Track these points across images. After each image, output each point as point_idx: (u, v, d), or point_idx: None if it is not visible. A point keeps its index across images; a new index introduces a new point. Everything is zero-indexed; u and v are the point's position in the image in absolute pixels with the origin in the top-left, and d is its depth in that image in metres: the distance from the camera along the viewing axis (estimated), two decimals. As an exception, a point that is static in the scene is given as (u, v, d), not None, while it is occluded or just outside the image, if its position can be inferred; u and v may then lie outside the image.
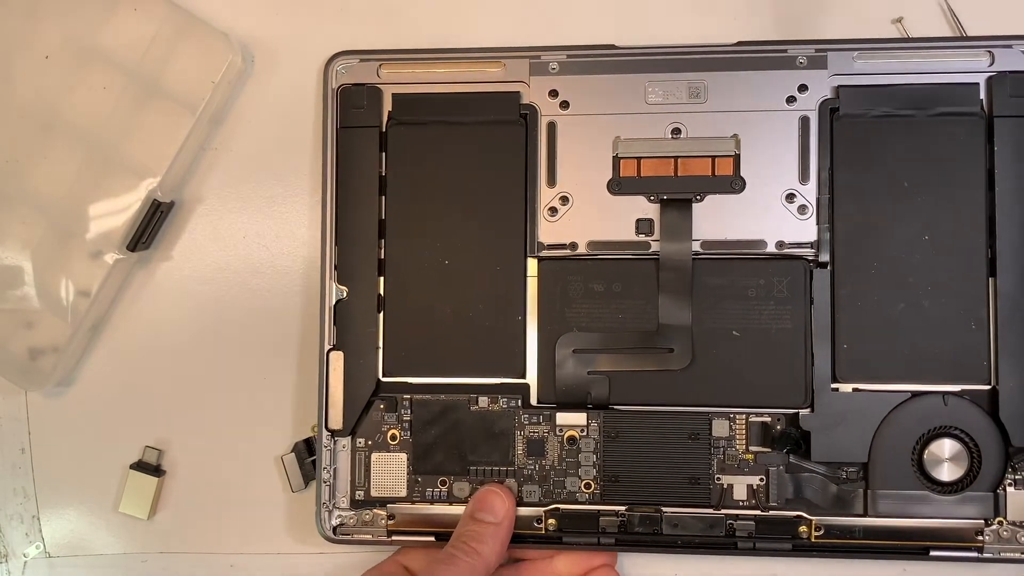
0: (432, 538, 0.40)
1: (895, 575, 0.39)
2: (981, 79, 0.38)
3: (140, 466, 0.43)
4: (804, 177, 0.39)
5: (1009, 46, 0.38)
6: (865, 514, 0.38)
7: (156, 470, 0.43)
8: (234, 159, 0.43)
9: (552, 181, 0.40)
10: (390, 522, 0.40)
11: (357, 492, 0.40)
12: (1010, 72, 0.38)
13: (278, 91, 0.43)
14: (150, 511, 0.43)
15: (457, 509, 0.40)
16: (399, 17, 0.43)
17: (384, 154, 0.41)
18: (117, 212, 0.41)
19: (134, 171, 0.41)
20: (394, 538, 0.40)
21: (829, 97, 0.39)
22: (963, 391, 0.38)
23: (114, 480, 0.43)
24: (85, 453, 0.44)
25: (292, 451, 0.41)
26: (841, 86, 0.39)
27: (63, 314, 0.41)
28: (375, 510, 0.40)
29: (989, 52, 0.38)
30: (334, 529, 0.40)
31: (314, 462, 0.40)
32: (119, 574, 0.43)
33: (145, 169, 0.41)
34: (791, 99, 0.39)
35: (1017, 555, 0.37)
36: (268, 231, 0.43)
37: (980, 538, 0.38)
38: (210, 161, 0.43)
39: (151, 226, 0.41)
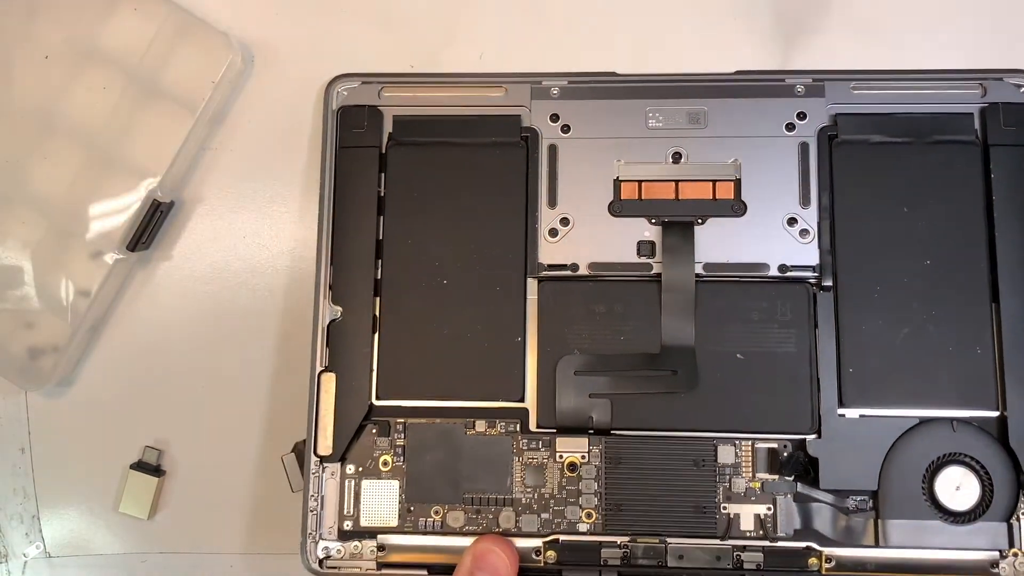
0: (424, 571, 0.38)
1: (910, 609, 0.37)
2: (975, 109, 0.39)
3: (140, 466, 0.42)
4: (805, 201, 0.39)
5: (1000, 79, 0.39)
6: (876, 545, 0.37)
7: (156, 470, 0.42)
8: (234, 159, 0.43)
9: (553, 202, 0.40)
10: (380, 554, 0.38)
11: (345, 522, 0.38)
12: (1002, 103, 0.39)
13: (278, 91, 0.43)
14: (150, 511, 0.42)
15: (452, 541, 0.38)
16: (400, 30, 0.43)
17: (383, 174, 0.40)
18: (117, 212, 0.41)
19: (134, 171, 0.41)
20: (384, 571, 0.38)
21: (827, 125, 0.39)
22: (971, 417, 0.37)
23: (114, 480, 0.42)
24: (85, 453, 0.43)
25: (292, 451, 0.40)
26: (839, 114, 0.39)
27: (63, 314, 0.41)
28: (364, 541, 0.38)
29: (981, 84, 0.39)
30: (320, 562, 0.38)
31: None
32: (119, 574, 0.43)
33: (145, 169, 0.41)
34: (790, 126, 0.40)
35: (1034, 588, 0.36)
36: (268, 231, 0.43)
37: (995, 570, 0.36)
38: (210, 161, 0.43)
39: (151, 226, 0.41)
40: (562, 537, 0.38)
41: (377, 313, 0.39)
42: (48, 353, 0.41)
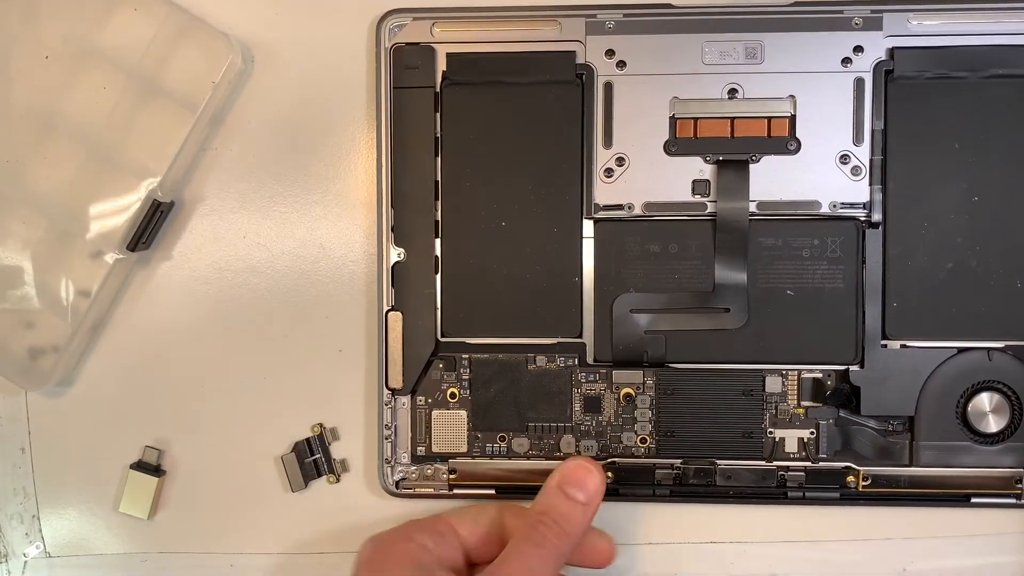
0: (492, 491, 0.41)
1: (938, 521, 0.41)
2: (1033, 40, 0.39)
3: (140, 466, 0.43)
4: (858, 138, 0.39)
5: (1062, 7, 0.39)
6: (910, 464, 0.40)
7: (156, 470, 0.43)
8: (234, 159, 0.43)
9: (608, 142, 0.40)
10: (451, 476, 0.41)
11: (418, 448, 0.41)
12: (1062, 33, 0.39)
13: (278, 91, 0.42)
14: (150, 511, 0.43)
15: (517, 463, 0.41)
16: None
17: (439, 115, 0.41)
18: (117, 212, 0.41)
19: (134, 171, 0.41)
20: (455, 491, 0.41)
21: (883, 59, 0.39)
22: (1007, 347, 0.39)
23: (114, 480, 0.43)
24: (85, 453, 0.44)
25: (292, 451, 0.42)
26: (896, 48, 0.39)
27: (63, 314, 0.41)
28: (436, 465, 0.41)
29: (1042, 13, 0.39)
30: (396, 483, 0.41)
31: (315, 461, 0.41)
32: (119, 574, 0.44)
33: (145, 169, 0.41)
34: (846, 60, 0.39)
35: (1052, 501, 0.40)
36: (268, 231, 0.43)
37: (1019, 486, 0.40)
38: (210, 161, 0.43)
39: (151, 226, 0.41)
40: (619, 460, 0.41)
41: (438, 254, 0.41)
42: (48, 353, 0.42)
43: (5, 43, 0.41)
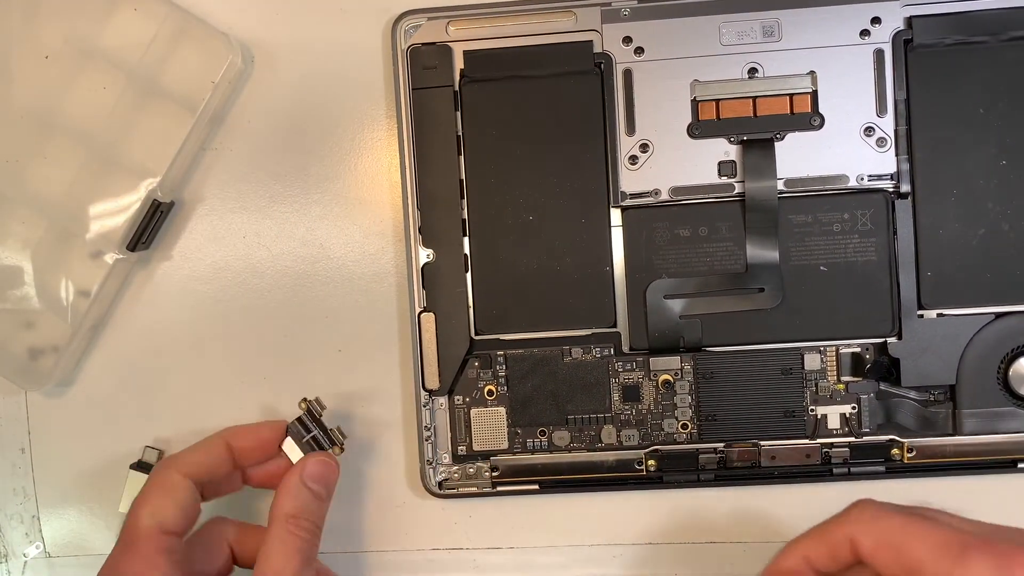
0: (536, 486, 0.41)
1: (985, 488, 0.41)
2: (1053, 1, 0.39)
3: (140, 466, 0.42)
4: (881, 110, 0.39)
5: (1078, -35, 0.39)
6: (954, 433, 0.40)
7: None
8: (234, 159, 0.43)
9: (631, 129, 0.40)
10: (494, 474, 0.41)
11: (459, 447, 0.41)
12: (1080, -8, 0.39)
13: (278, 91, 0.42)
14: None
15: (559, 457, 0.41)
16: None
17: (459, 113, 0.40)
18: (117, 212, 0.41)
19: (134, 171, 0.41)
20: (499, 488, 0.41)
21: (902, 28, 0.39)
22: (1044, 309, 0.39)
23: (114, 480, 0.43)
24: (85, 453, 0.44)
25: (287, 434, 0.39)
26: (913, 16, 0.39)
27: (63, 314, 0.41)
28: (479, 463, 0.41)
29: (1059, -27, 0.39)
30: (439, 484, 0.41)
31: (314, 438, 0.39)
32: None
33: (145, 169, 0.41)
34: (864, 32, 0.39)
35: (1099, 461, 0.39)
36: (268, 231, 0.43)
37: (1064, 448, 0.39)
38: (210, 161, 0.43)
39: (151, 226, 0.41)
40: (661, 447, 0.41)
41: (468, 252, 0.41)
42: (48, 353, 0.42)
43: (5, 43, 0.41)
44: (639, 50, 0.40)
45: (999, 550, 0.28)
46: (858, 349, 0.40)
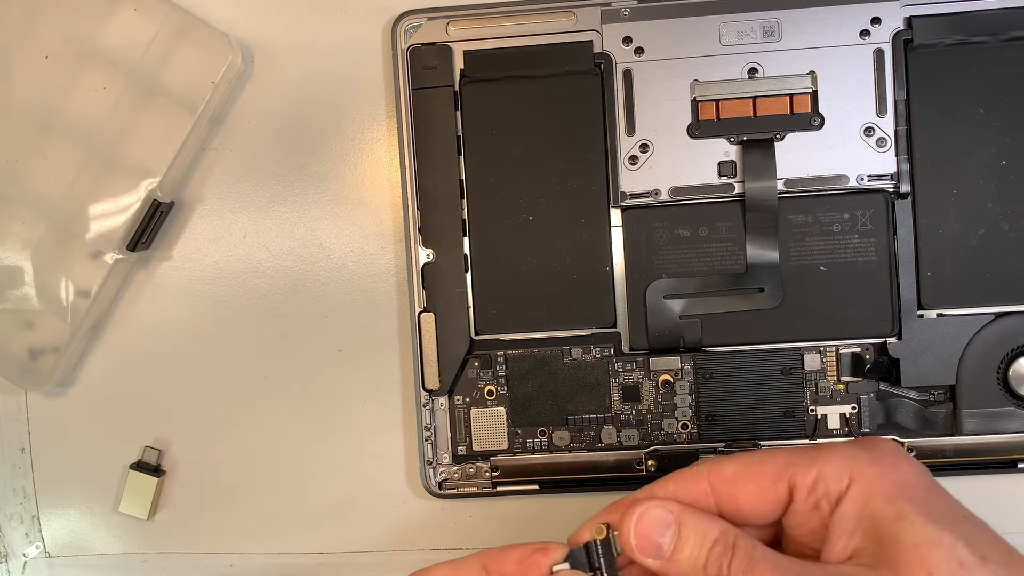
0: (536, 487, 0.41)
1: (985, 488, 0.41)
2: (1053, 1, 0.39)
3: (140, 466, 0.43)
4: (881, 110, 0.39)
5: (1078, -35, 0.39)
6: (954, 433, 0.40)
7: (156, 470, 0.43)
8: (234, 159, 0.43)
9: (631, 129, 0.40)
10: (494, 474, 0.41)
11: (459, 447, 0.41)
12: (1081, -8, 0.39)
13: (278, 91, 0.42)
14: (150, 511, 0.43)
15: (559, 457, 0.41)
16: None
17: (459, 113, 0.40)
18: (117, 212, 0.41)
19: (134, 171, 0.41)
20: (499, 488, 0.41)
21: (902, 28, 0.39)
22: (1044, 309, 0.39)
23: (114, 480, 0.43)
24: (85, 453, 0.44)
25: (567, 558, 0.31)
26: (913, 16, 0.39)
27: (63, 314, 0.41)
28: (478, 464, 0.41)
29: (1058, -27, 0.39)
30: (439, 484, 0.41)
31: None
32: (119, 574, 0.44)
33: (145, 169, 0.41)
34: (864, 33, 0.39)
35: (1100, 461, 0.39)
36: (268, 231, 0.43)
37: (1065, 448, 0.39)
38: (210, 161, 0.43)
39: (151, 226, 0.41)
40: (660, 447, 0.41)
41: (468, 252, 0.41)
42: (48, 353, 0.42)
43: (5, 43, 0.41)
44: (639, 50, 0.40)
45: None
46: (858, 349, 0.40)
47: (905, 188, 0.39)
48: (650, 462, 0.41)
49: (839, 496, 0.28)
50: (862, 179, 0.39)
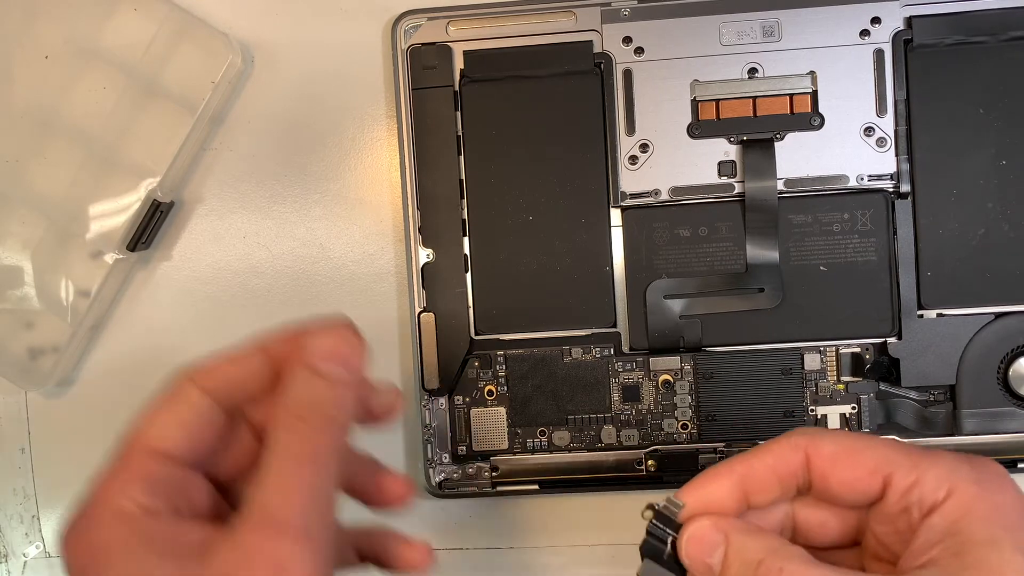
0: (536, 486, 0.41)
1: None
2: (1053, 1, 0.39)
3: None
4: (881, 110, 0.39)
5: (1078, -35, 0.39)
6: (954, 433, 0.40)
7: None
8: (234, 159, 0.43)
9: (631, 129, 0.40)
10: (494, 474, 0.41)
11: (459, 447, 0.41)
12: (1081, -8, 0.39)
13: (278, 91, 0.42)
14: None
15: (559, 457, 0.41)
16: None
17: (459, 113, 0.40)
18: (117, 212, 0.41)
19: (134, 171, 0.41)
20: (499, 488, 0.41)
21: (902, 28, 0.39)
22: (1044, 309, 0.39)
23: None
24: (85, 453, 0.43)
25: (642, 558, 0.29)
26: (913, 16, 0.39)
27: (63, 314, 0.42)
28: (478, 463, 0.41)
29: (1058, -27, 0.39)
30: (439, 484, 0.41)
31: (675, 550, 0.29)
32: None
33: (145, 169, 0.41)
34: (864, 32, 0.39)
35: (1099, 462, 0.39)
36: (268, 231, 0.43)
37: (1064, 449, 0.39)
38: (210, 161, 0.43)
39: (151, 226, 0.41)
40: (661, 447, 0.41)
41: (467, 252, 0.41)
42: (48, 353, 0.42)
43: (5, 43, 0.41)
44: (639, 50, 0.40)
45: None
46: (858, 349, 0.40)
47: (905, 188, 0.39)
48: (650, 462, 0.41)
49: (933, 506, 0.27)
50: (862, 179, 0.39)
